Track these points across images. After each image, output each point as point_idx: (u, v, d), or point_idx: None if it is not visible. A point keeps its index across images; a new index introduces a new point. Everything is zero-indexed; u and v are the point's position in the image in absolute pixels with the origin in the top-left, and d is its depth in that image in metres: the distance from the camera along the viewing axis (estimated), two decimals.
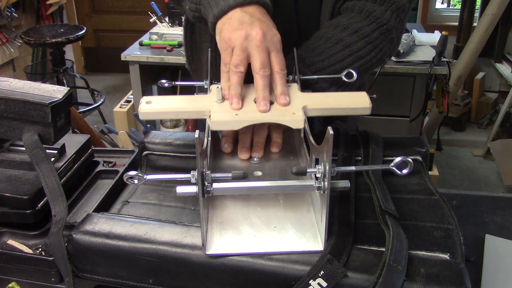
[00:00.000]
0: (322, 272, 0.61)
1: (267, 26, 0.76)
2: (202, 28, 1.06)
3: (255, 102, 0.75)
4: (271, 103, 0.75)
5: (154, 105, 0.74)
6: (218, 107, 0.74)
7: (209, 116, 0.72)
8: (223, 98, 0.76)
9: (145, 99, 0.75)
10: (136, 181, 0.61)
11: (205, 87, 0.83)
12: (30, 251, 0.75)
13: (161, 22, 2.86)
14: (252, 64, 0.75)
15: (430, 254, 0.65)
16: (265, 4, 0.80)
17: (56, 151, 0.84)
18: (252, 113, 0.73)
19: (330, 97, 0.79)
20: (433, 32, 2.70)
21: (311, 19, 0.99)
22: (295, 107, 0.74)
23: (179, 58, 2.49)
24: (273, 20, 0.80)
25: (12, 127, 0.77)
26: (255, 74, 0.74)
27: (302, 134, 0.79)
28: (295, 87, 0.80)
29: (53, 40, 3.18)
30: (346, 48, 0.87)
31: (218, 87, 0.75)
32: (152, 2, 2.90)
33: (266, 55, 0.74)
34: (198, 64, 1.10)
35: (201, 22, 0.86)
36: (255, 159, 0.80)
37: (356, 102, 0.77)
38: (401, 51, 2.38)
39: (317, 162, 0.64)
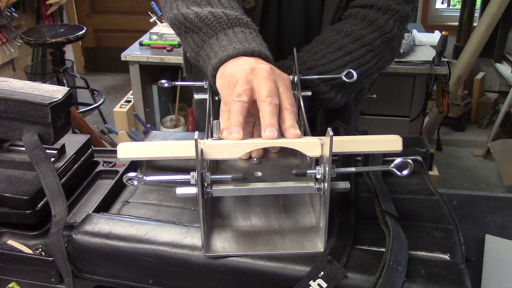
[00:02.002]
0: (322, 273, 0.61)
1: (273, 65, 0.70)
2: None
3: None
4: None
5: (136, 144, 0.63)
6: (214, 142, 0.63)
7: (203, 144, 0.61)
8: (221, 138, 0.65)
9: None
10: (135, 183, 0.61)
11: (205, 87, 0.83)
12: (30, 251, 0.75)
13: (161, 22, 2.86)
14: (257, 94, 0.66)
15: (430, 254, 0.65)
16: (268, 59, 0.74)
17: (56, 151, 0.84)
18: (257, 139, 0.64)
19: (352, 138, 0.65)
20: (433, 32, 2.70)
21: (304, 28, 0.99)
22: (309, 138, 0.65)
23: (179, 58, 2.49)
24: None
25: (12, 127, 0.77)
26: (260, 102, 0.65)
27: (302, 135, 0.79)
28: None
29: (53, 40, 3.18)
30: (348, 54, 0.87)
31: (216, 121, 0.64)
32: (152, 2, 2.89)
33: (274, 85, 0.66)
34: (197, 76, 1.10)
35: (199, 67, 0.82)
36: (255, 159, 0.80)
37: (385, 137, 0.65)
38: (401, 51, 2.38)
39: (317, 162, 0.64)
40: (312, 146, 0.62)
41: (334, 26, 0.91)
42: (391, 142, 0.63)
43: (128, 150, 0.61)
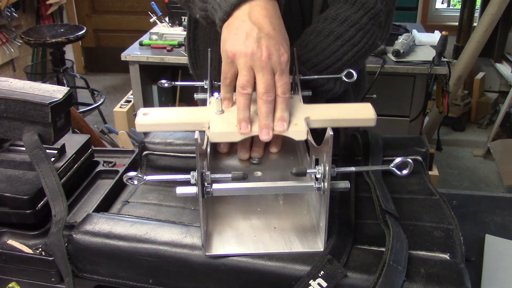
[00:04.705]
0: (322, 272, 0.61)
1: (275, 43, 0.70)
2: (205, 35, 1.05)
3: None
4: None
5: (151, 117, 0.71)
6: (218, 118, 0.71)
7: (208, 128, 0.69)
8: (223, 110, 0.73)
9: (142, 110, 0.72)
10: (135, 182, 0.61)
11: (205, 87, 0.83)
12: (30, 251, 0.75)
13: (161, 22, 2.86)
14: (256, 87, 0.71)
15: (430, 254, 0.65)
16: None
17: (56, 151, 0.84)
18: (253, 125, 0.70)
19: (333, 108, 0.75)
20: (433, 32, 2.70)
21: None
22: (297, 118, 0.71)
23: (179, 58, 2.49)
24: None
25: (12, 127, 0.77)
26: (259, 99, 0.70)
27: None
28: (296, 98, 0.77)
29: (53, 40, 3.18)
30: (338, 38, 0.87)
31: (217, 98, 0.72)
32: (152, 2, 2.89)
33: (271, 77, 0.70)
34: (203, 70, 1.09)
35: (212, 24, 0.82)
36: (255, 159, 0.80)
37: (361, 113, 0.74)
38: (401, 51, 2.38)
39: (317, 162, 0.64)
40: (299, 133, 0.69)
41: (320, 15, 0.92)
42: (361, 109, 0.71)
43: (144, 127, 0.70)
